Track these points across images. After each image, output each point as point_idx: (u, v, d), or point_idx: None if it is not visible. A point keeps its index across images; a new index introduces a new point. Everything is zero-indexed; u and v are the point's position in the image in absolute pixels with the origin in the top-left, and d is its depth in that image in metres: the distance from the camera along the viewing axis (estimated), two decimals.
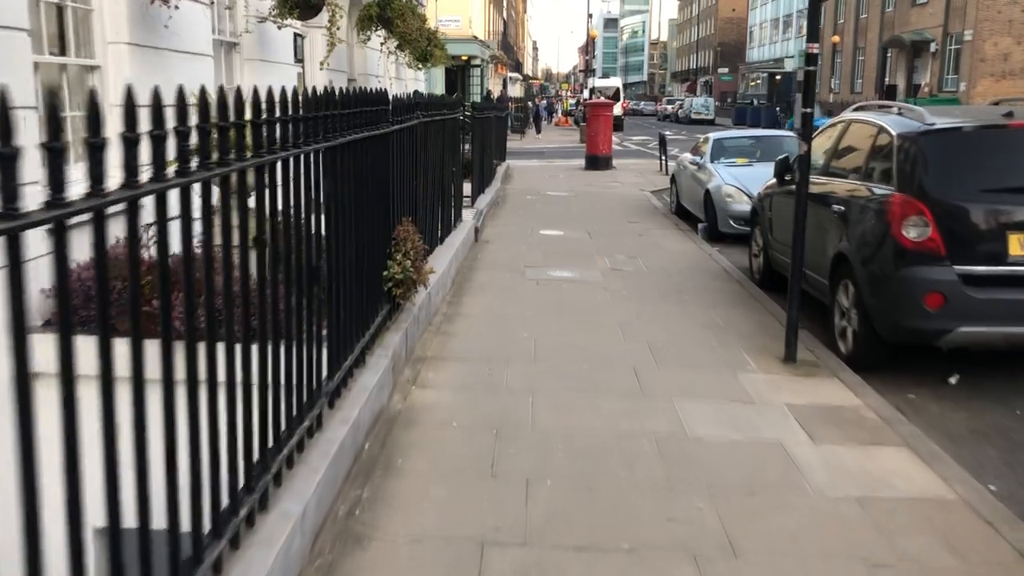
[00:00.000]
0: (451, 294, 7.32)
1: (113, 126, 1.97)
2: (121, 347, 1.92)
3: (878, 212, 5.64)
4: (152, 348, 2.08)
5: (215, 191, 2.53)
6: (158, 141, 2.08)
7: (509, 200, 14.50)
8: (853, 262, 5.82)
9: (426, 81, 29.16)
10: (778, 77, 62.45)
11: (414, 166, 6.05)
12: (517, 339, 6.01)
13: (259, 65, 8.55)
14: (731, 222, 10.75)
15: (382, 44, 12.06)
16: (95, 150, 1.82)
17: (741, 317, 6.84)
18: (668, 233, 11.34)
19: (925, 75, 38.45)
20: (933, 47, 37.29)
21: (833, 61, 50.94)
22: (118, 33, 5.65)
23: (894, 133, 5.87)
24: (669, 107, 65.84)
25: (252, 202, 2.91)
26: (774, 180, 8.21)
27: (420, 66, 15.96)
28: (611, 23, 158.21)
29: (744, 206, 10.66)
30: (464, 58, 34.94)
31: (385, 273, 4.98)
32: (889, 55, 42.55)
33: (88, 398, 1.83)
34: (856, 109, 7.00)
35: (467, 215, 10.48)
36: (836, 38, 42.44)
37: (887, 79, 42.79)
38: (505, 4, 57.44)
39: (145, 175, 2.05)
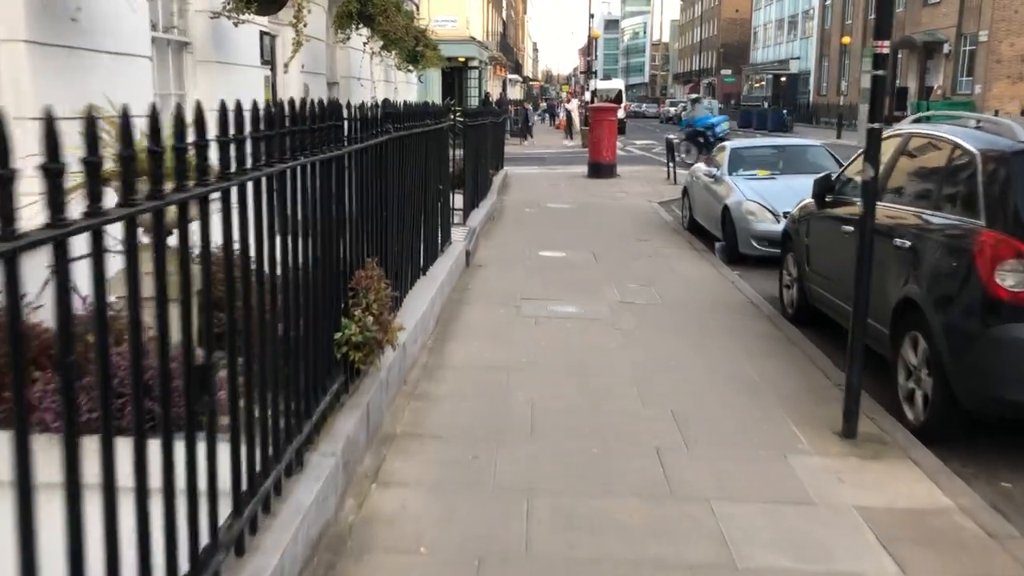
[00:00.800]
0: (434, 337, 6.20)
1: None
2: None
3: (960, 252, 4.52)
4: None
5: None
6: None
7: (506, 213, 13.38)
8: (925, 311, 4.69)
9: (423, 84, 28.11)
10: (783, 79, 61.50)
11: (383, 192, 4.93)
12: (511, 403, 4.89)
13: (216, 68, 7.43)
14: (753, 243, 9.63)
15: (365, 44, 10.94)
16: None
17: (780, 369, 5.72)
18: (682, 254, 10.21)
19: (938, 77, 37.33)
20: (946, 48, 36.19)
21: (841, 62, 49.82)
22: (12, 29, 4.53)
23: (976, 152, 4.75)
24: (672, 109, 64.65)
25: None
26: (810, 200, 7.10)
27: (410, 68, 14.87)
28: (612, 24, 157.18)
29: (768, 225, 9.54)
30: (461, 60, 33.85)
31: (338, 335, 3.86)
32: (900, 56, 41.41)
33: None
34: (916, 120, 5.86)
35: (458, 235, 9.36)
36: (847, 39, 41.30)
37: (898, 81, 41.69)
38: (504, 4, 56.40)
39: None
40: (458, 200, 10.38)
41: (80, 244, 1.79)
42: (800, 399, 5.12)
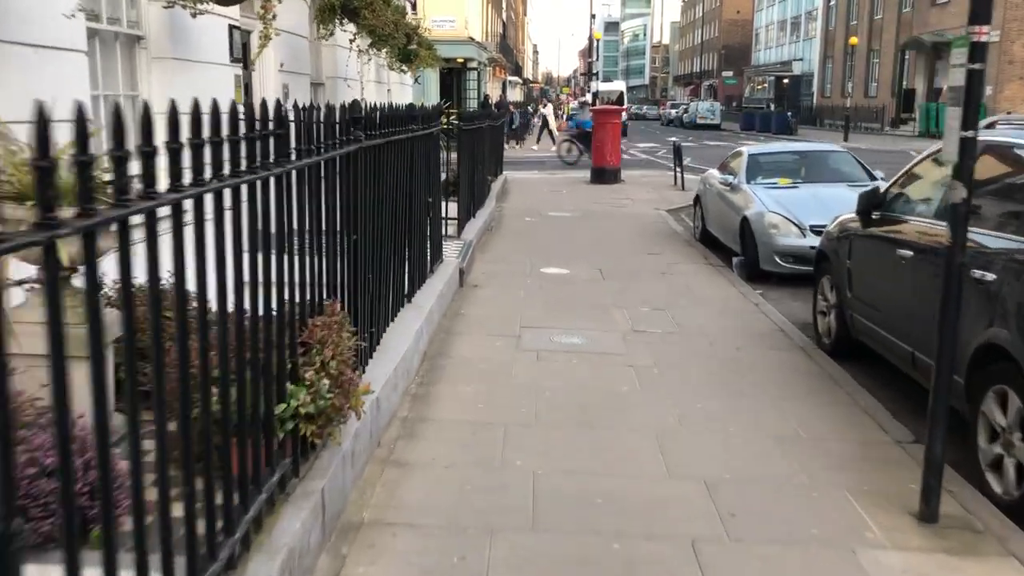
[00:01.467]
0: (419, 379, 5.30)
1: None
2: None
3: None
4: None
5: None
6: None
7: (505, 223, 12.48)
8: (1019, 360, 3.80)
9: (420, 85, 27.25)
10: (786, 80, 60.59)
11: (352, 214, 4.03)
12: (507, 475, 3.99)
13: (174, 66, 6.54)
14: (777, 259, 8.73)
15: (352, 41, 10.06)
16: None
17: (827, 419, 4.82)
18: (697, 270, 9.32)
19: (947, 78, 36.40)
20: None
21: (845, 64, 48.94)
22: None
23: None
24: (673, 111, 63.75)
25: None
26: (851, 216, 6.22)
27: (404, 68, 14.00)
28: (612, 26, 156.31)
29: (793, 239, 8.65)
30: (460, 61, 32.99)
31: (280, 409, 2.96)
32: (907, 57, 40.54)
33: None
34: (989, 126, 4.97)
35: (452, 250, 8.48)
36: (855, 39, 40.40)
37: (904, 83, 40.83)
38: (504, 5, 55.58)
39: None
40: (452, 208, 9.51)
41: None
42: (858, 463, 4.22)
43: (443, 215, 9.02)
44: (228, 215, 2.46)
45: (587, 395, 5.11)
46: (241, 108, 2.52)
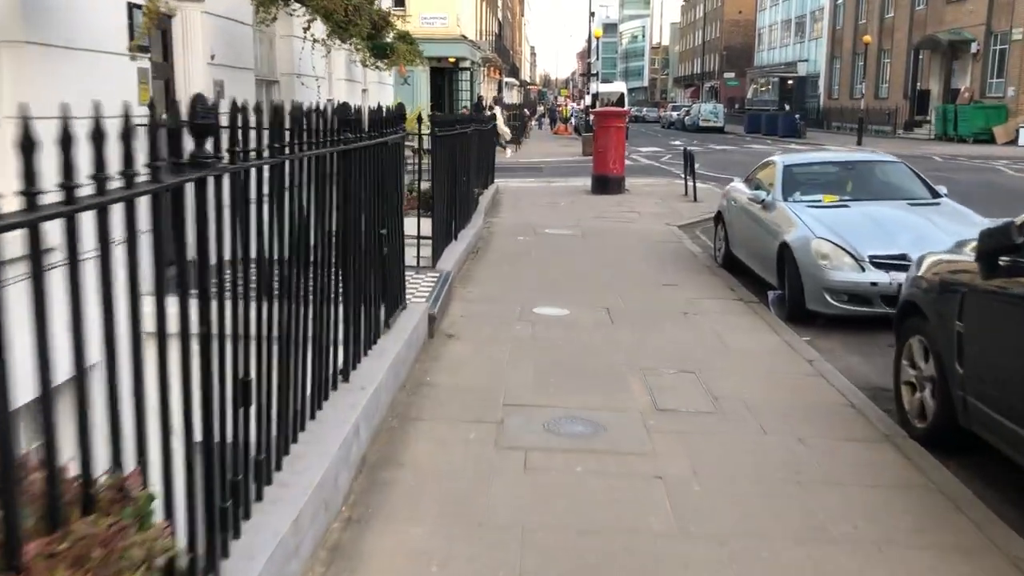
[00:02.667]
0: (348, 511, 3.58)
1: None
2: None
3: None
4: None
5: None
6: None
7: (494, 243, 10.77)
8: None
9: (409, 86, 25.51)
10: (790, 81, 58.84)
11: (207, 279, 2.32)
12: None
13: (38, 54, 4.84)
14: (828, 297, 7.01)
15: (306, 30, 8.35)
16: None
17: None
18: (725, 307, 7.60)
19: (965, 79, 34.77)
20: (974, 47, 33.65)
21: (854, 64, 47.28)
22: None
23: None
24: (674, 114, 62.04)
25: None
26: (957, 258, 4.55)
27: (379, 65, 12.28)
28: (610, 28, 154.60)
29: (848, 273, 6.95)
30: (451, 60, 31.30)
31: None
32: (921, 57, 38.87)
33: None
34: None
35: (423, 286, 6.79)
36: (868, 38, 38.67)
37: (919, 83, 39.17)
38: (500, 5, 53.96)
39: None
40: (426, 226, 7.81)
41: None
42: None
43: (415, 240, 7.33)
44: None
45: (598, 543, 3.38)
46: None
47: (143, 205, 2.02)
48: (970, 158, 25.11)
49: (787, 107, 45.99)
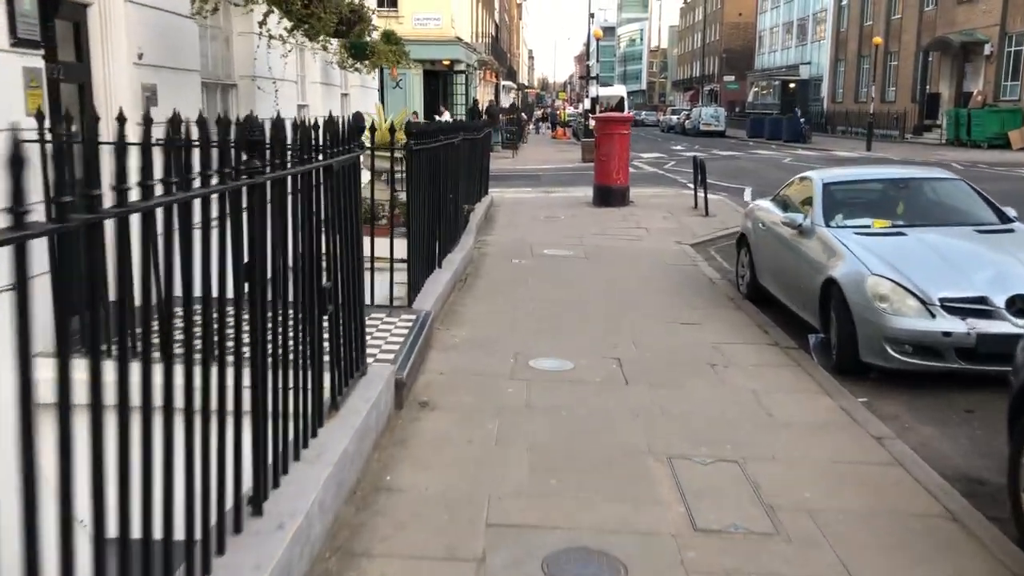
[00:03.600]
0: None
1: None
2: None
3: None
4: None
5: None
6: None
7: (485, 269, 9.48)
8: None
9: (402, 90, 24.24)
10: (792, 85, 57.58)
11: None
12: None
13: None
14: (887, 348, 5.72)
15: (262, 24, 7.06)
16: None
17: None
18: (759, 356, 6.31)
19: (978, 81, 33.54)
20: (988, 49, 32.42)
21: (859, 67, 46.05)
22: None
23: None
24: (674, 117, 60.81)
25: None
26: None
27: (358, 67, 11.01)
28: (608, 31, 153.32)
29: (915, 320, 5.67)
30: (446, 63, 30.04)
31: None
32: (930, 59, 37.65)
33: None
34: None
35: (393, 337, 5.51)
36: (878, 39, 37.38)
37: (928, 86, 37.95)
38: (497, 7, 52.75)
39: None
40: (401, 248, 6.54)
41: None
42: None
43: (387, 268, 6.09)
44: None
45: None
46: None
47: None
48: (991, 165, 23.83)
49: (797, 111, 44.62)
